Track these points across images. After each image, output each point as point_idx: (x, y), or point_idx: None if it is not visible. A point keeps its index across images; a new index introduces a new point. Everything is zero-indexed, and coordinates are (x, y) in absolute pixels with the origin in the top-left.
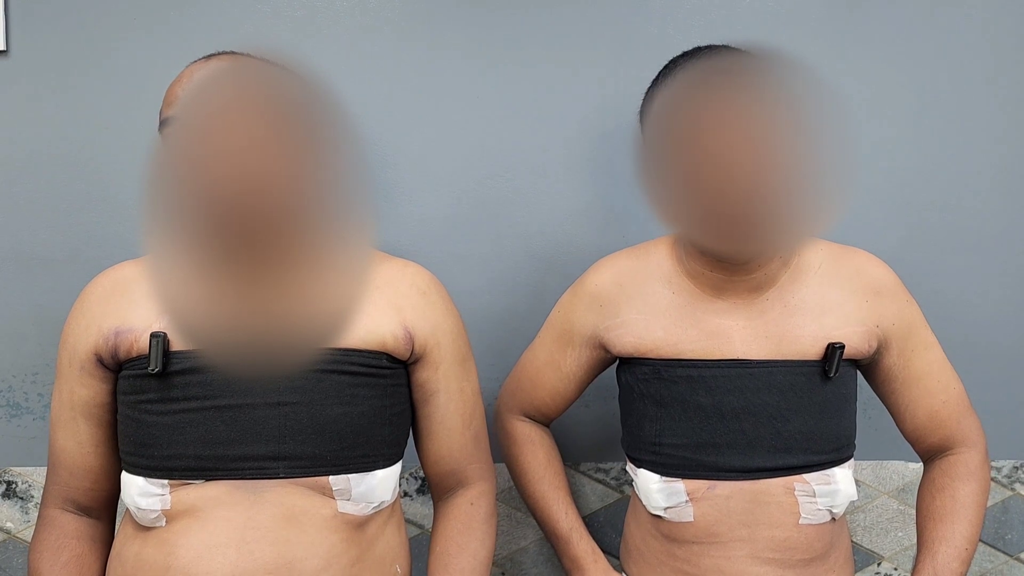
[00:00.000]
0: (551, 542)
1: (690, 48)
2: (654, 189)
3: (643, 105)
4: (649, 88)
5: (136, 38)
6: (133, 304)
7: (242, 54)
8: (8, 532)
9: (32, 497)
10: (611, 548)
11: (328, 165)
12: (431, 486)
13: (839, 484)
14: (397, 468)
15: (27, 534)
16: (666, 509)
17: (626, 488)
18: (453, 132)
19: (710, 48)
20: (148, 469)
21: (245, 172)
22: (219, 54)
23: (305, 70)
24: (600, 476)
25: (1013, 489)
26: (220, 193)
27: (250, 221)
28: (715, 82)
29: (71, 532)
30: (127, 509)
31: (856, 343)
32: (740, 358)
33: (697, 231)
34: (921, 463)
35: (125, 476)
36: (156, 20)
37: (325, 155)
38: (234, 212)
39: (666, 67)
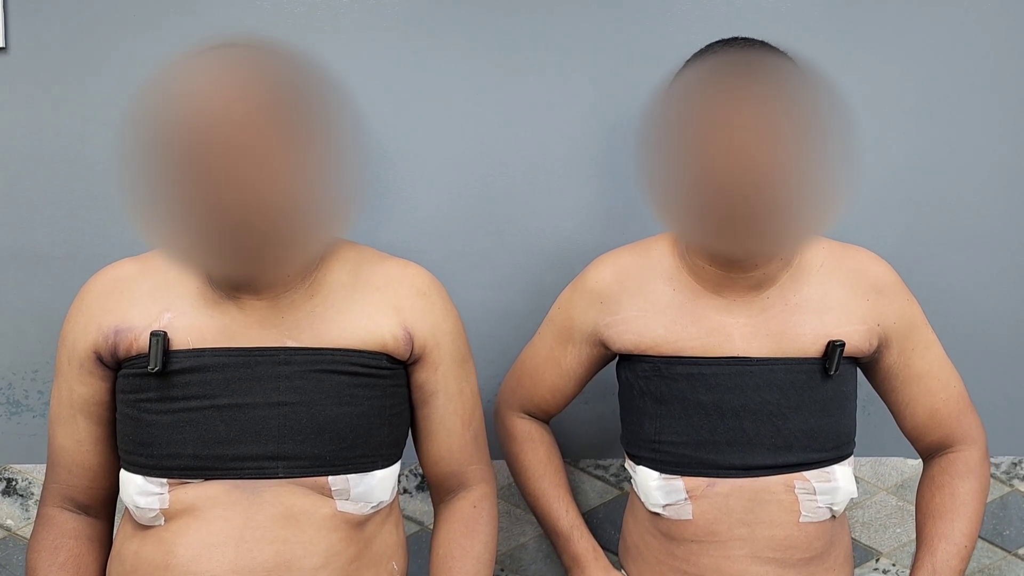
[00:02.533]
0: (551, 539)
1: (712, 41)
2: (656, 186)
3: (656, 97)
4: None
5: (136, 37)
6: (133, 302)
7: (241, 45)
8: (8, 529)
9: (32, 494)
10: (610, 545)
11: (332, 159)
12: (431, 487)
13: (839, 481)
14: (396, 468)
15: (27, 531)
16: (665, 507)
17: (626, 485)
18: (453, 130)
19: (733, 41)
20: (147, 468)
21: (255, 194)
22: (217, 47)
23: (305, 58)
24: (599, 473)
25: (1011, 485)
26: (228, 216)
27: (257, 235)
28: (731, 79)
29: (69, 531)
30: (127, 508)
31: (857, 341)
32: (740, 355)
33: (698, 229)
34: (920, 459)
35: (124, 475)
36: (156, 19)
37: (330, 149)
38: (240, 230)
39: (689, 60)
